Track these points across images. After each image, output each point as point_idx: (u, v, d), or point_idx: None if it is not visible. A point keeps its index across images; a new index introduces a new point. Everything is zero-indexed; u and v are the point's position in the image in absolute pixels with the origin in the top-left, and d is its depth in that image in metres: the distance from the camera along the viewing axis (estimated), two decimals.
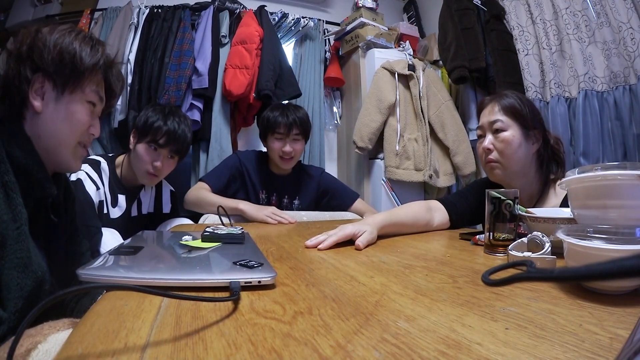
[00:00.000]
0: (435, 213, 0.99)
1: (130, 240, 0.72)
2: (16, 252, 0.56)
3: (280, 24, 2.29)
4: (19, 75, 0.65)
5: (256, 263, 0.50)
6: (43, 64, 0.65)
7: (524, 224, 0.73)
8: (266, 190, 1.56)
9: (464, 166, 2.14)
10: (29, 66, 0.65)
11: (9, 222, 0.56)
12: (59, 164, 0.71)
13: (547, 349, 0.28)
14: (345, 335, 0.31)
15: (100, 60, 0.71)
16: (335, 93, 2.61)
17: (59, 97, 0.68)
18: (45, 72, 0.66)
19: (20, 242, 0.57)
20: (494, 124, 0.94)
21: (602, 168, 0.54)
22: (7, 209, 0.56)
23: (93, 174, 1.14)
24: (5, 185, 0.58)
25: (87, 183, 1.09)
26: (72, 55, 0.67)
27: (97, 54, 0.71)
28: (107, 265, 0.50)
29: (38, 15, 2.21)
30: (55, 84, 0.67)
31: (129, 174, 1.24)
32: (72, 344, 0.30)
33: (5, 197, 0.57)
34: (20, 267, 0.56)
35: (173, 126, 1.20)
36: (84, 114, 0.71)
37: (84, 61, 0.68)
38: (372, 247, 0.75)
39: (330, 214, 1.53)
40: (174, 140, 1.20)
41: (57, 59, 0.65)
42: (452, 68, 1.97)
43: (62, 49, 0.66)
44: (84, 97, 0.71)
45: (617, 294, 0.41)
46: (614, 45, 1.57)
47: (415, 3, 2.82)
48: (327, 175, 1.69)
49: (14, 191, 0.59)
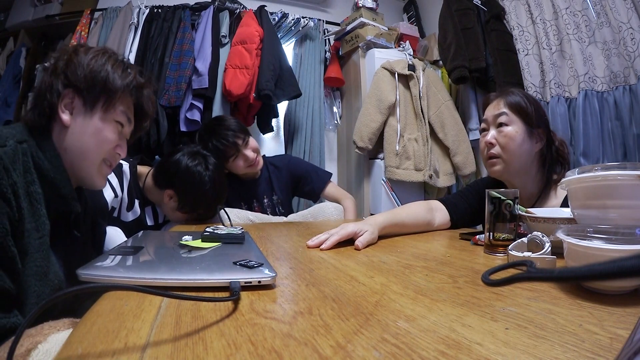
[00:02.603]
0: (436, 213, 0.99)
1: (130, 240, 0.72)
2: (36, 260, 0.57)
3: (280, 24, 2.29)
4: (51, 88, 0.67)
5: (256, 263, 0.50)
6: (75, 81, 0.68)
7: (524, 224, 0.72)
8: (244, 201, 1.56)
9: (464, 166, 2.14)
10: (62, 81, 0.67)
11: (32, 232, 0.57)
12: (83, 179, 0.72)
13: (547, 349, 0.28)
14: (345, 335, 0.31)
15: (131, 83, 0.73)
16: (335, 93, 2.61)
17: (88, 113, 0.69)
18: (76, 88, 0.68)
19: (41, 251, 0.58)
20: (498, 118, 0.93)
21: (602, 168, 0.54)
22: (30, 218, 0.57)
23: (114, 180, 1.14)
24: (31, 195, 0.59)
25: (107, 191, 1.09)
26: (104, 77, 0.69)
27: (129, 77, 0.73)
28: (107, 265, 0.50)
29: (38, 15, 2.21)
30: (85, 101, 0.69)
31: (152, 197, 1.25)
32: (72, 344, 0.30)
33: (29, 207, 0.58)
34: (38, 275, 0.57)
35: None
36: (111, 132, 0.72)
37: (115, 83, 0.70)
38: (372, 247, 0.75)
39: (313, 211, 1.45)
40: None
41: (89, 78, 0.68)
42: (452, 68, 1.97)
43: (94, 69, 0.69)
44: (113, 117, 0.72)
45: (617, 294, 0.41)
46: (614, 45, 1.57)
47: (415, 3, 2.82)
48: (294, 160, 1.68)
49: (39, 202, 0.60)
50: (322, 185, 1.59)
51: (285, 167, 1.61)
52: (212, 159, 1.25)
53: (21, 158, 0.58)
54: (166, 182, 1.19)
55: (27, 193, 0.58)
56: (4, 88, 2.13)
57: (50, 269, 0.60)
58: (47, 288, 0.58)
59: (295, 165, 1.64)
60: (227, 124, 1.45)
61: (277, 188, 1.59)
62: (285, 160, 1.66)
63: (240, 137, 1.43)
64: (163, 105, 1.86)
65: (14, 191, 0.54)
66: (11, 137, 0.59)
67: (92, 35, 2.02)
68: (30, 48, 2.25)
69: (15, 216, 0.54)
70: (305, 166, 1.67)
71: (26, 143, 0.61)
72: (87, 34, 2.04)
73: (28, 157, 0.60)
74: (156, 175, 1.21)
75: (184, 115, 1.90)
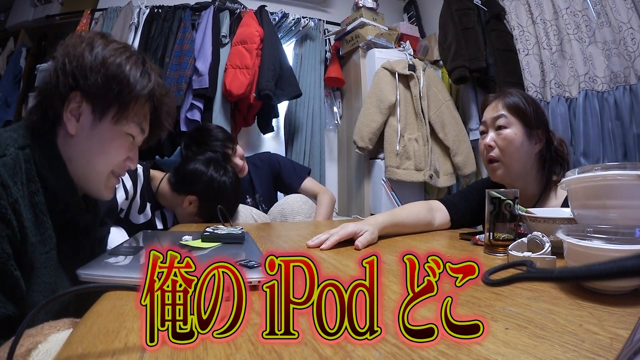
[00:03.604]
0: (436, 213, 0.99)
1: (130, 240, 0.72)
2: (43, 276, 0.54)
3: (280, 24, 2.29)
4: (57, 90, 0.58)
5: (256, 263, 0.50)
6: (85, 85, 0.58)
7: (524, 224, 0.72)
8: None
9: (465, 166, 2.14)
10: (70, 82, 0.58)
11: (37, 246, 0.54)
12: (90, 191, 0.66)
13: (547, 349, 0.28)
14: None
15: (151, 91, 0.63)
16: (336, 93, 2.61)
17: (96, 122, 0.60)
18: (85, 92, 0.59)
19: (48, 267, 0.55)
20: (497, 120, 0.93)
21: (602, 168, 0.54)
22: (35, 231, 0.54)
23: (128, 182, 1.14)
24: (35, 206, 0.54)
25: (119, 192, 1.10)
26: (118, 83, 0.59)
27: (149, 84, 0.62)
28: (107, 265, 0.50)
29: (38, 15, 2.21)
30: (94, 108, 0.60)
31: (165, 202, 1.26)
32: (72, 344, 0.30)
33: (34, 219, 0.54)
34: (47, 292, 0.54)
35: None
36: (122, 146, 0.64)
37: (131, 90, 0.60)
38: (372, 247, 0.75)
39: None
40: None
41: (102, 83, 0.58)
42: (453, 68, 1.97)
43: (109, 74, 0.58)
44: (124, 129, 0.63)
45: (617, 294, 0.41)
46: (614, 45, 1.57)
47: (415, 3, 2.82)
48: (274, 156, 1.69)
49: (44, 213, 0.56)
50: (299, 181, 1.60)
51: (266, 163, 1.62)
52: (230, 168, 1.28)
53: (23, 166, 0.54)
54: (187, 189, 1.21)
55: (32, 204, 0.54)
56: (4, 88, 2.13)
57: (59, 285, 0.57)
58: (57, 304, 0.54)
59: (274, 160, 1.65)
60: (215, 135, 1.45)
61: (257, 186, 1.60)
62: (265, 156, 1.67)
63: (230, 147, 1.44)
64: None
65: (15, 209, 0.50)
66: (12, 144, 0.54)
67: None
68: (30, 48, 2.25)
69: (18, 237, 0.50)
70: (284, 161, 1.68)
71: (29, 148, 0.56)
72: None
73: (31, 164, 0.55)
74: (175, 182, 1.23)
75: (185, 115, 1.91)
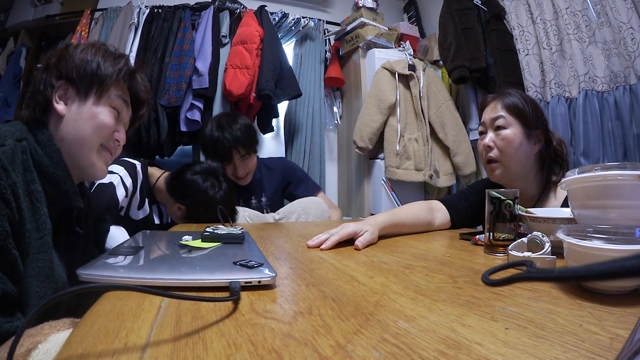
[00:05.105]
0: (436, 213, 0.99)
1: (130, 240, 0.72)
2: (38, 261, 0.57)
3: (280, 24, 2.29)
4: (45, 83, 0.68)
5: (256, 263, 0.50)
6: (68, 72, 0.69)
7: (524, 224, 0.72)
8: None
9: (465, 166, 2.13)
10: (55, 75, 0.69)
11: (32, 232, 0.56)
12: (84, 168, 0.71)
13: (547, 349, 0.28)
14: (345, 335, 0.31)
15: (122, 68, 0.74)
16: (336, 93, 2.61)
17: (82, 100, 0.70)
18: (69, 79, 0.69)
19: (42, 252, 0.58)
20: (495, 121, 0.93)
21: (602, 168, 0.54)
22: (31, 218, 0.57)
23: (127, 179, 1.16)
24: (31, 194, 0.58)
25: (119, 189, 1.12)
26: (95, 65, 0.70)
27: (119, 64, 0.74)
28: (107, 265, 0.50)
29: (38, 15, 2.21)
30: (78, 89, 0.69)
31: (160, 197, 1.28)
32: (72, 344, 0.30)
33: (30, 207, 0.57)
34: (41, 276, 0.57)
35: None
36: (107, 115, 0.71)
37: (106, 70, 0.71)
38: (372, 247, 0.75)
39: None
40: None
41: (81, 67, 0.69)
42: (453, 68, 1.97)
43: (85, 59, 0.70)
44: (107, 102, 0.72)
45: (617, 294, 0.41)
46: (614, 45, 1.57)
47: (415, 3, 2.82)
48: (290, 164, 1.68)
49: (40, 201, 0.59)
50: (311, 194, 1.58)
51: (280, 170, 1.61)
52: (225, 183, 1.27)
53: (20, 156, 0.58)
54: (178, 196, 1.24)
55: (28, 192, 0.57)
56: (4, 88, 2.13)
57: (55, 270, 0.59)
58: (50, 289, 0.57)
59: (290, 169, 1.64)
60: (239, 128, 1.41)
61: (267, 189, 1.59)
62: (281, 163, 1.66)
63: (240, 153, 1.42)
64: (163, 105, 1.86)
65: (14, 192, 0.53)
66: (10, 136, 0.58)
67: (92, 36, 2.02)
68: (30, 48, 2.25)
69: (16, 217, 0.53)
70: (300, 173, 1.67)
71: (25, 141, 0.61)
72: (87, 34, 2.04)
73: (27, 155, 0.59)
74: (170, 186, 1.25)
75: (184, 115, 1.90)
